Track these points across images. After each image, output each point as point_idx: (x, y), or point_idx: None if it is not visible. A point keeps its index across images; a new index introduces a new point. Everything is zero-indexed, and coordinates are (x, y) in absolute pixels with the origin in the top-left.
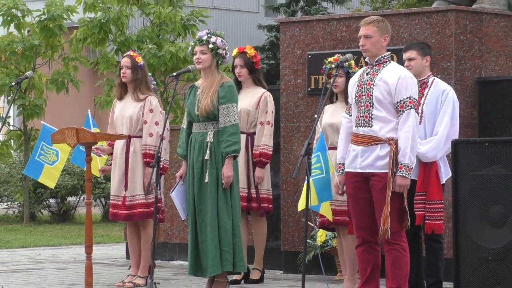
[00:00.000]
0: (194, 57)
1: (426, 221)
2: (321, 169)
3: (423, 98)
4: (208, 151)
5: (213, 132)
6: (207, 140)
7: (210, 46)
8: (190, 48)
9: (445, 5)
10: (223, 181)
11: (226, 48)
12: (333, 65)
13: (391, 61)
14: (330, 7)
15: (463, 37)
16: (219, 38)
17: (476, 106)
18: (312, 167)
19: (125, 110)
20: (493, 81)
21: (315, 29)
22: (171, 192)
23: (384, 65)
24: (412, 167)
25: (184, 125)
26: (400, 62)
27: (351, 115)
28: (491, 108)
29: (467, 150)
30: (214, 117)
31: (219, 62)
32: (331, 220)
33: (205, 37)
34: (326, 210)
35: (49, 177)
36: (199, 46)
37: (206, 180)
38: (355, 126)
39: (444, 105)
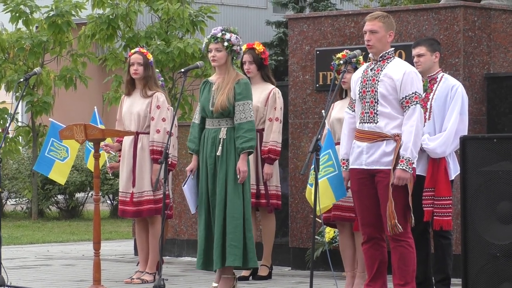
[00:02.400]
0: (209, 55)
1: (435, 217)
2: (333, 167)
3: (431, 94)
4: (220, 148)
5: (226, 128)
6: (220, 137)
7: (226, 44)
8: (204, 45)
9: (453, 1)
10: (238, 176)
11: (240, 44)
12: (341, 61)
13: (395, 57)
14: (338, 3)
15: (471, 33)
16: (233, 35)
17: (485, 102)
18: (324, 165)
19: (133, 107)
20: (501, 77)
21: (323, 25)
22: (183, 185)
23: (388, 61)
24: (413, 161)
25: (197, 120)
26: (409, 58)
27: (354, 111)
28: (500, 104)
29: (475, 146)
30: (229, 114)
31: (234, 58)
32: (318, 214)
33: (219, 35)
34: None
35: (60, 173)
36: (213, 43)
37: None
38: (360, 123)
39: (453, 100)
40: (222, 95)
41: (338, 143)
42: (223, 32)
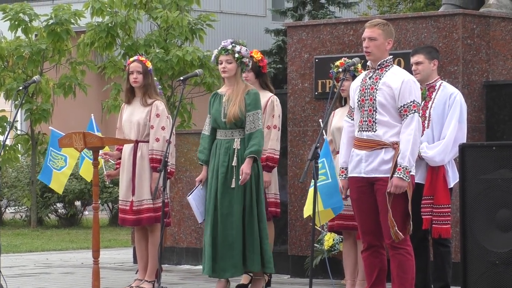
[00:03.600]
0: (220, 66)
1: (433, 225)
2: (325, 175)
3: (430, 102)
4: (235, 158)
5: (239, 139)
6: (233, 147)
7: (236, 55)
8: (213, 57)
9: (452, 9)
10: (240, 177)
11: (249, 56)
12: (340, 69)
13: (393, 65)
14: (337, 11)
15: (470, 41)
16: (243, 47)
17: (484, 110)
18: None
19: (133, 115)
20: (500, 84)
21: (322, 33)
22: (188, 196)
23: (386, 69)
24: (410, 170)
25: (207, 131)
26: (408, 66)
27: (353, 119)
28: (499, 111)
29: (475, 154)
30: (241, 124)
31: (242, 69)
32: (318, 225)
33: (230, 47)
34: (326, 216)
35: (58, 183)
36: (224, 55)
37: (233, 186)
38: (358, 131)
39: (452, 108)
40: (234, 106)
41: (338, 152)
42: (233, 44)
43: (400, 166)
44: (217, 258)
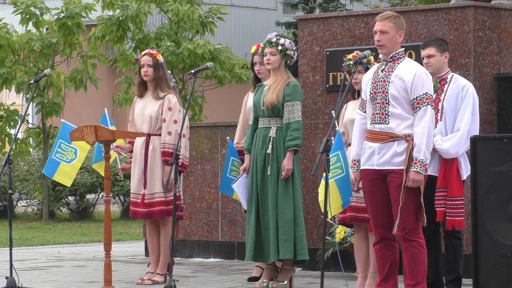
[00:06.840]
0: (264, 58)
1: (447, 217)
2: (341, 168)
3: (442, 95)
4: (270, 145)
5: (276, 127)
6: (270, 135)
7: (280, 48)
8: (260, 49)
9: (464, 1)
10: (282, 173)
11: (294, 48)
12: (351, 62)
13: (405, 57)
14: (348, 4)
15: (481, 33)
16: (287, 39)
17: (495, 102)
18: (332, 166)
19: (145, 109)
20: (511, 77)
21: (333, 25)
22: (233, 183)
23: (399, 62)
24: (426, 163)
25: (251, 121)
26: (419, 58)
27: (365, 112)
28: (510, 104)
29: (486, 146)
30: (278, 113)
31: (287, 61)
32: (329, 217)
33: (274, 39)
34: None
35: (66, 175)
36: (268, 47)
37: (269, 173)
38: (371, 123)
39: (465, 101)
40: (272, 94)
41: (351, 144)
42: (277, 37)
43: (416, 159)
44: (261, 244)
